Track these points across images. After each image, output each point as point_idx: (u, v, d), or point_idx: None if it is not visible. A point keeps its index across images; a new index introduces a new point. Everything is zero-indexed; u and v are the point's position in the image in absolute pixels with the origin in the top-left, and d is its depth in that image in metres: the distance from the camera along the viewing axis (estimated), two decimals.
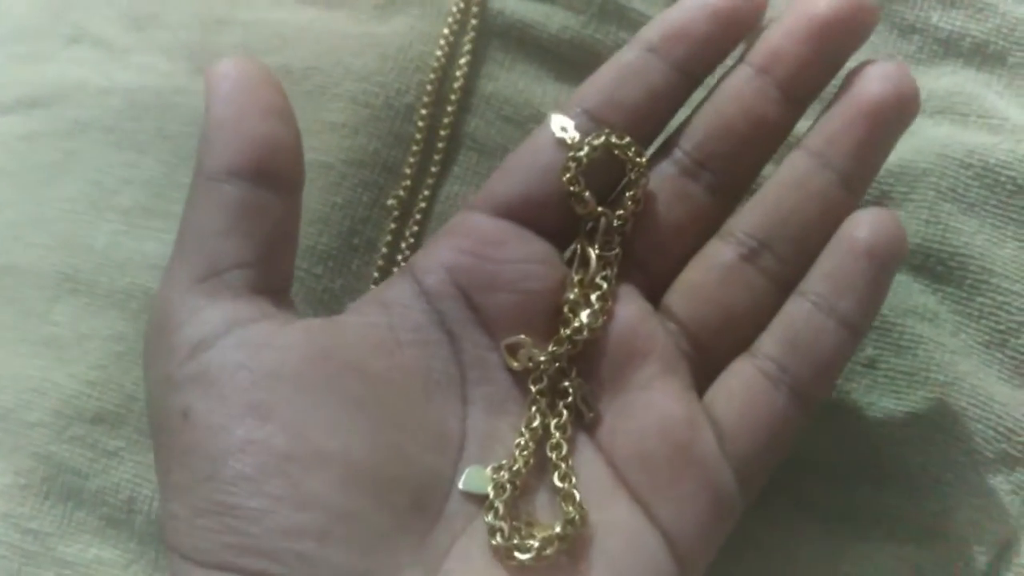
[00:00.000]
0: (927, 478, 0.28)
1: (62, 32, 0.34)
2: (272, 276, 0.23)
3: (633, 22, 0.32)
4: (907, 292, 0.29)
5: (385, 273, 0.31)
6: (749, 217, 0.25)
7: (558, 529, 0.23)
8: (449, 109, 0.32)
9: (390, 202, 0.31)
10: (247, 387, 0.21)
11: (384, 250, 0.31)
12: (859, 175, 0.24)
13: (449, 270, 0.24)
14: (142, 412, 0.29)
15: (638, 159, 0.25)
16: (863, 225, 0.24)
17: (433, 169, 0.32)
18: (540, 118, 0.25)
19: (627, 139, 0.25)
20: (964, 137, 0.30)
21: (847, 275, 0.23)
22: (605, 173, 0.25)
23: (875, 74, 0.24)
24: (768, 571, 0.28)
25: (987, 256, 0.29)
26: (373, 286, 0.31)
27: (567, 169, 0.25)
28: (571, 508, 0.23)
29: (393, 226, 0.31)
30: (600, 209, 0.25)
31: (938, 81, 0.31)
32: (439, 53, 0.32)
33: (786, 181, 0.25)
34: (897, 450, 0.28)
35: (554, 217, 0.25)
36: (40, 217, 0.32)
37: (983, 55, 0.32)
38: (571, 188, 0.25)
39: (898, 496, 0.28)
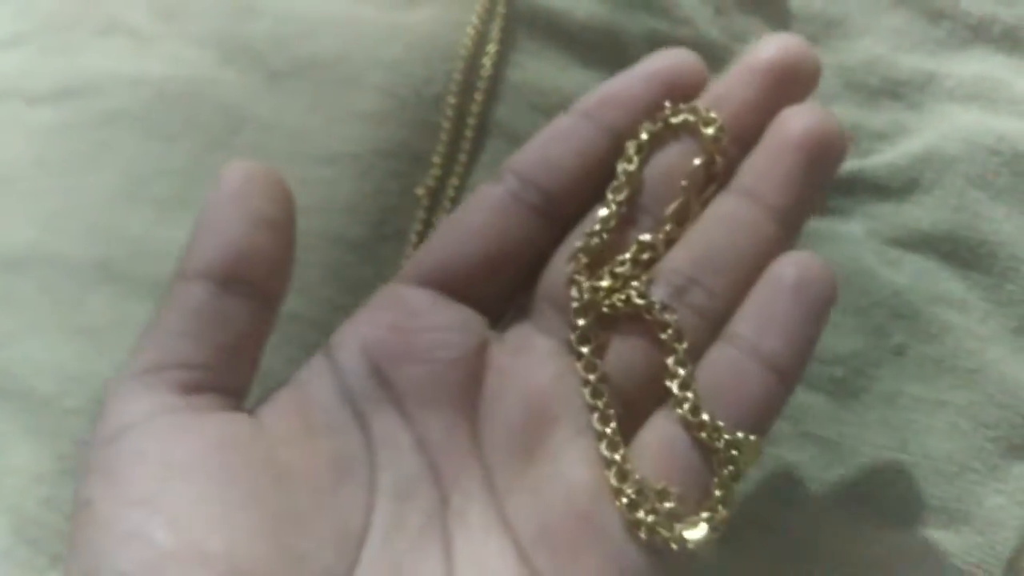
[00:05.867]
0: (953, 464, 0.28)
1: (93, 23, 0.35)
2: (224, 379, 0.22)
3: (659, 9, 0.32)
4: (936, 279, 0.29)
5: None
6: (676, 255, 0.24)
7: None
8: (477, 98, 0.32)
9: (419, 191, 0.31)
10: (142, 477, 0.20)
11: (415, 239, 0.31)
12: (790, 209, 0.23)
13: (362, 345, 0.23)
14: None
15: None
16: (789, 265, 0.23)
17: (462, 158, 0.32)
18: (568, 106, 0.25)
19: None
20: (993, 123, 0.30)
21: (772, 314, 0.22)
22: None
23: (800, 111, 0.23)
24: (792, 556, 0.28)
25: (1016, 243, 0.29)
26: None
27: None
28: None
29: (423, 215, 0.31)
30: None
31: (967, 67, 0.31)
32: (467, 42, 0.32)
33: (713, 217, 0.24)
34: (924, 436, 0.28)
35: (483, 284, 0.24)
36: (74, 207, 0.32)
37: (1013, 40, 0.31)
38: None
39: (924, 482, 0.28)
